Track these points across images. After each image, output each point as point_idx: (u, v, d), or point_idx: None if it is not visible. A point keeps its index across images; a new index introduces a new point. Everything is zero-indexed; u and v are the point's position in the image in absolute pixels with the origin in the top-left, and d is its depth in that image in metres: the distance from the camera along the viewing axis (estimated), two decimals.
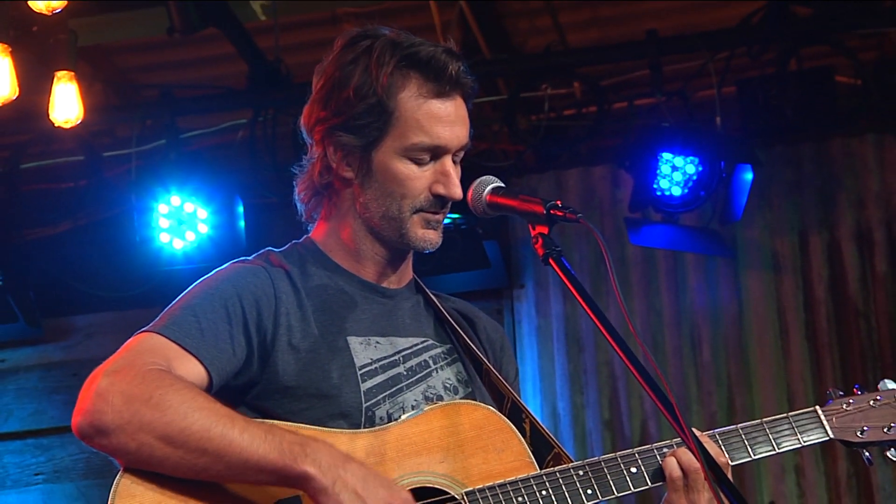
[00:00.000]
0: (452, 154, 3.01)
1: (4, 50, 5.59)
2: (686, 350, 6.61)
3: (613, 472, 2.93)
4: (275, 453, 2.66)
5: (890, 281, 6.51)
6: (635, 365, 2.63)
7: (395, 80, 2.96)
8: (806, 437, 3.10)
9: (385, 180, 2.98)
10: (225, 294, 2.89)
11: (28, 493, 6.97)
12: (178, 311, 2.85)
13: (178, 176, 6.41)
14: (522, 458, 2.92)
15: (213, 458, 2.66)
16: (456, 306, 3.24)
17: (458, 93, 3.01)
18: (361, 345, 2.97)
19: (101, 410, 2.66)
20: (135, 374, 2.69)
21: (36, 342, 7.11)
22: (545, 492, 2.87)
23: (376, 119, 2.96)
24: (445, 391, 3.03)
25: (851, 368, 6.40)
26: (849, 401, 3.16)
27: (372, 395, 2.92)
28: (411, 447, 2.85)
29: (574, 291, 2.74)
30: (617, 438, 6.52)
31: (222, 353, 2.83)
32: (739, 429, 3.06)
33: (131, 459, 2.68)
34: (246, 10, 6.16)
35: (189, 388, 2.71)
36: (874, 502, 6.29)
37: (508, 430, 2.95)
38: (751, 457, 3.05)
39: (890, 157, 6.58)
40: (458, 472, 2.85)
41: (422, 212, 3.00)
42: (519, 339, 6.73)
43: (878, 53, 6.59)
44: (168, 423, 2.65)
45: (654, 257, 6.70)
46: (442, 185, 2.98)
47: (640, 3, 6.43)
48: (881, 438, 3.13)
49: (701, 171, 6.17)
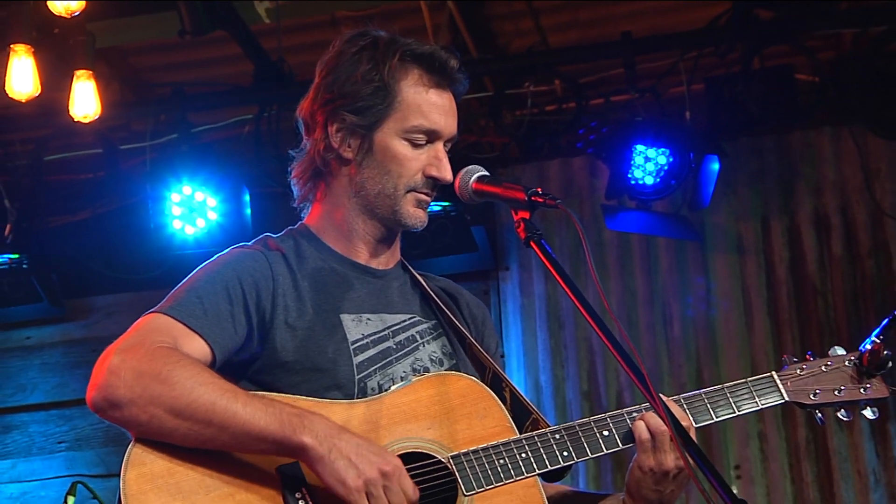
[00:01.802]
0: (444, 141, 3.04)
1: (28, 50, 5.58)
2: (658, 326, 6.61)
3: (587, 436, 2.94)
4: (275, 425, 2.67)
5: (845, 262, 6.52)
6: (611, 340, 2.66)
7: (398, 69, 3.01)
8: (763, 400, 3.11)
9: (384, 159, 3.00)
10: (226, 277, 2.90)
11: (52, 460, 6.97)
12: (184, 294, 2.87)
13: (189, 167, 6.41)
14: (503, 423, 2.93)
15: (218, 430, 2.67)
16: (441, 285, 3.25)
17: (452, 88, 3.06)
18: (353, 321, 2.98)
19: (114, 385, 2.67)
20: (144, 352, 2.70)
21: (58, 321, 7.10)
22: (525, 454, 2.88)
23: (381, 101, 2.99)
24: (431, 363, 3.04)
25: (810, 343, 6.39)
26: (802, 366, 3.17)
27: (364, 368, 2.93)
28: (401, 415, 2.86)
29: (554, 272, 2.76)
30: (594, 408, 6.52)
31: (224, 332, 2.84)
32: (703, 393, 3.08)
33: (143, 430, 2.70)
34: (251, 13, 6.15)
35: (195, 365, 2.72)
36: (830, 465, 6.30)
37: (490, 398, 2.96)
38: (713, 419, 3.06)
39: (845, 149, 6.57)
40: (444, 438, 2.86)
41: (414, 191, 3.02)
42: (504, 317, 6.73)
43: (834, 53, 6.58)
44: (176, 397, 2.66)
45: (629, 241, 6.69)
46: (435, 168, 3.02)
47: (616, 6, 6.41)
48: (832, 400, 3.15)
49: (671, 161, 6.17)
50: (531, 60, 6.46)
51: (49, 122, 6.49)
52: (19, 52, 5.57)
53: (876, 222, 6.51)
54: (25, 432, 7.03)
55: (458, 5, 6.30)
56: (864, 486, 6.24)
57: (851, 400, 3.16)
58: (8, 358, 7.11)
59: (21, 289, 6.76)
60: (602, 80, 6.56)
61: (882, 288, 6.44)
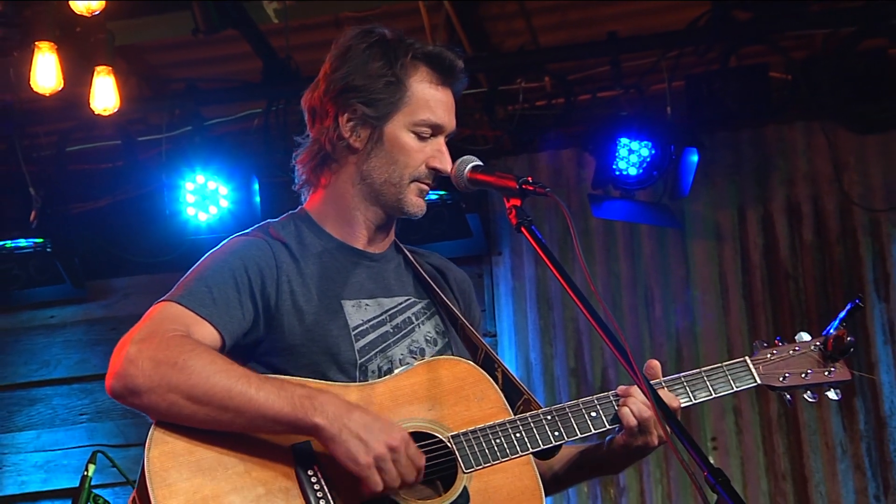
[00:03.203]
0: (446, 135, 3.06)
1: (51, 47, 5.58)
2: (640, 308, 6.63)
3: (577, 417, 2.97)
4: (288, 407, 2.68)
5: (815, 248, 6.53)
6: (597, 320, 2.67)
7: (409, 66, 3.02)
8: (738, 384, 3.14)
9: (392, 149, 3.01)
10: (233, 266, 2.90)
11: (74, 430, 6.98)
12: (193, 283, 2.86)
13: (202, 158, 6.41)
14: (498, 405, 2.95)
15: (234, 414, 2.68)
16: (430, 260, 3.26)
17: (454, 86, 3.09)
18: (353, 307, 2.99)
19: (133, 374, 2.67)
20: (160, 341, 2.70)
21: (80, 301, 7.09)
22: (519, 434, 2.90)
23: (391, 95, 3.00)
24: (426, 343, 3.06)
25: (782, 323, 6.42)
26: (773, 351, 3.20)
27: (365, 353, 2.94)
28: (403, 398, 2.87)
29: (544, 257, 2.78)
30: (581, 384, 6.55)
31: (232, 318, 2.84)
32: (682, 377, 3.10)
33: (162, 415, 2.70)
34: (260, 13, 6.14)
35: (209, 352, 2.73)
36: (800, 438, 6.33)
37: (486, 381, 2.97)
38: (692, 401, 3.09)
39: (816, 142, 6.57)
40: (443, 419, 2.88)
41: (418, 181, 3.04)
42: (497, 299, 6.74)
43: (806, 52, 6.57)
44: (193, 384, 2.67)
45: (614, 228, 6.69)
46: (437, 160, 3.03)
47: (603, 8, 6.40)
48: (799, 383, 3.18)
49: (653, 153, 6.17)
50: (523, 59, 6.46)
51: (71, 114, 6.48)
52: (43, 48, 5.57)
53: (844, 211, 6.52)
54: (49, 405, 7.04)
55: (454, 6, 6.30)
56: (832, 457, 6.27)
57: (817, 383, 3.19)
58: (33, 336, 7.12)
59: (45, 271, 6.77)
60: (589, 77, 6.55)
61: (849, 272, 6.46)
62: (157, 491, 2.62)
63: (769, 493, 6.29)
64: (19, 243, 6.62)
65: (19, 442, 7.00)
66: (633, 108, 6.29)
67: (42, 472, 6.94)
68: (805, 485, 6.27)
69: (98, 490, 5.65)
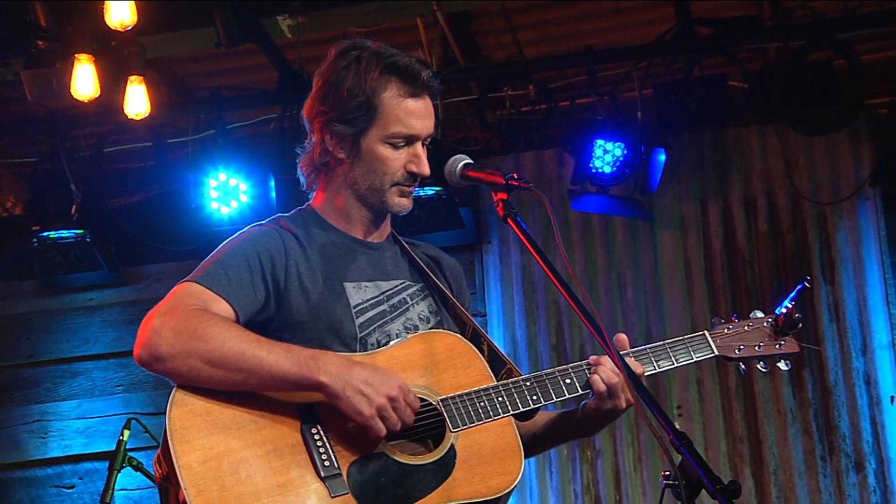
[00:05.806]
0: (422, 140, 3.02)
1: (89, 59, 5.56)
2: (614, 291, 6.63)
3: (553, 383, 2.97)
4: (295, 367, 2.69)
5: (769, 237, 6.53)
6: (575, 302, 2.68)
7: (379, 83, 2.97)
8: (697, 354, 3.14)
9: (370, 161, 3.00)
10: (246, 251, 2.91)
11: (111, 400, 6.99)
12: (211, 266, 2.87)
13: (224, 158, 6.39)
14: (483, 373, 2.95)
15: (247, 375, 2.68)
16: (424, 250, 3.26)
17: (428, 93, 3.03)
18: (354, 288, 2.99)
19: (157, 343, 2.68)
20: (181, 314, 2.71)
21: (116, 285, 7.10)
22: (501, 398, 2.90)
23: (364, 113, 2.97)
24: (420, 321, 3.06)
25: (740, 305, 6.42)
26: (729, 326, 3.20)
27: (364, 328, 2.94)
28: (398, 366, 2.87)
29: (528, 245, 2.78)
30: (561, 358, 6.54)
31: (245, 296, 2.85)
32: (647, 349, 3.10)
33: (183, 379, 2.71)
34: (276, 29, 6.12)
35: (224, 321, 2.74)
36: (756, 406, 6.34)
37: (472, 352, 2.97)
38: (656, 369, 3.09)
39: (770, 143, 6.58)
40: (434, 384, 2.88)
41: (398, 185, 3.02)
42: (486, 283, 6.73)
43: (761, 63, 6.59)
44: (211, 350, 2.67)
45: (590, 220, 6.70)
46: (414, 165, 3.01)
47: (581, 24, 6.41)
48: (752, 354, 3.18)
49: (626, 153, 6.16)
50: (509, 69, 6.45)
51: (107, 119, 6.48)
52: (82, 60, 5.55)
53: (795, 204, 6.53)
54: (89, 377, 7.05)
55: (448, 23, 6.29)
56: (783, 422, 6.28)
57: (768, 354, 3.19)
58: (75, 316, 7.13)
59: (85, 259, 6.78)
60: (569, 85, 6.55)
61: (799, 259, 6.47)
62: (177, 447, 2.63)
63: (728, 454, 6.30)
64: (62, 234, 6.64)
65: (63, 410, 7.01)
66: (607, 112, 6.28)
67: (83, 437, 6.96)
68: (760, 447, 6.28)
69: (132, 453, 5.66)
